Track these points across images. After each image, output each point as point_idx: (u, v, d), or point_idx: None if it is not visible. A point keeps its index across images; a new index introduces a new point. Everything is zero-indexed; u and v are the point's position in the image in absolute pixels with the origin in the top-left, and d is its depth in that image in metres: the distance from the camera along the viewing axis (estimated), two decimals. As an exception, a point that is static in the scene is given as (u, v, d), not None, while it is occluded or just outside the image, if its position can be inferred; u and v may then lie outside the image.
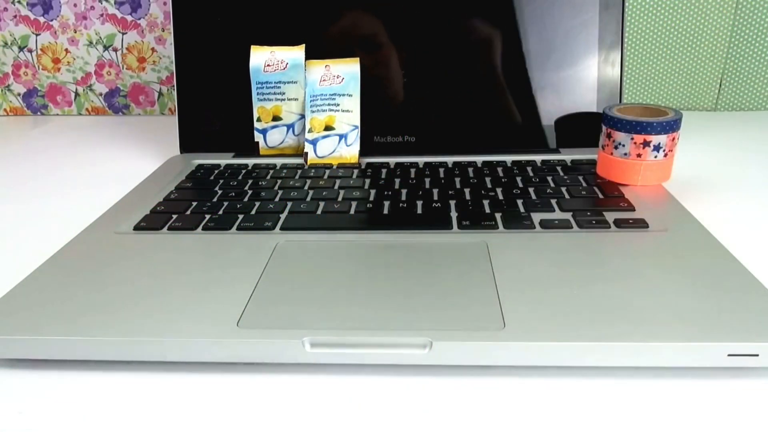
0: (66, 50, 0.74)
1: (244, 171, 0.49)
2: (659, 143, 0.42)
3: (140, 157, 0.59)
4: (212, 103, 0.54)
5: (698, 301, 0.29)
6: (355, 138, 0.50)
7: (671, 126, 0.42)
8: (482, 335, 0.27)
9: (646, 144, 0.42)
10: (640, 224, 0.37)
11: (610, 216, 0.39)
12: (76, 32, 0.73)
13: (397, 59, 0.52)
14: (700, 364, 0.26)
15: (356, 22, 0.52)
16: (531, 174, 0.46)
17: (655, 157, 0.42)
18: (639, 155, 0.42)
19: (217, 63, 0.53)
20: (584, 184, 0.44)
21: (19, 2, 0.72)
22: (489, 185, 0.44)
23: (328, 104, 0.50)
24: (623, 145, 0.43)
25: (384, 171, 0.48)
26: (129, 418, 0.26)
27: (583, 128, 0.52)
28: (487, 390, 0.27)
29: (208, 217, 0.40)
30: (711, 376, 0.27)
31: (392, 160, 0.51)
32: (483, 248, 0.35)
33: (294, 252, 0.35)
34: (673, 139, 0.42)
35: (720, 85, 0.69)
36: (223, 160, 0.52)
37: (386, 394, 0.27)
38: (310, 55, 0.50)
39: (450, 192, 0.43)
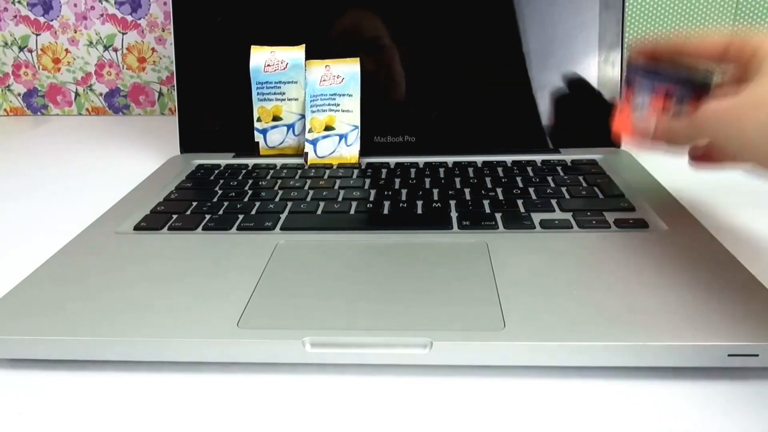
0: (66, 50, 0.74)
1: (244, 171, 0.49)
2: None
3: (140, 157, 0.59)
4: (212, 103, 0.54)
5: (698, 301, 0.29)
6: (355, 138, 0.50)
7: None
8: (482, 335, 0.27)
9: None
10: (640, 224, 0.37)
11: (610, 216, 0.38)
12: (76, 32, 0.73)
13: (398, 59, 0.52)
14: (700, 364, 0.26)
15: (356, 22, 0.52)
16: (531, 174, 0.46)
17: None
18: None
19: (217, 63, 0.53)
20: (584, 184, 0.44)
21: (19, 2, 0.72)
22: (489, 185, 0.44)
23: (328, 104, 0.50)
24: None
25: (384, 171, 0.48)
26: (129, 418, 0.26)
27: (583, 128, 0.52)
28: (487, 390, 0.27)
29: (208, 217, 0.40)
30: (711, 376, 0.27)
31: (392, 160, 0.51)
32: (483, 248, 0.35)
33: (294, 252, 0.35)
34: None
35: (720, 85, 0.69)
36: (223, 160, 0.52)
37: (386, 394, 0.27)
38: (310, 55, 0.50)
39: (450, 192, 0.43)
